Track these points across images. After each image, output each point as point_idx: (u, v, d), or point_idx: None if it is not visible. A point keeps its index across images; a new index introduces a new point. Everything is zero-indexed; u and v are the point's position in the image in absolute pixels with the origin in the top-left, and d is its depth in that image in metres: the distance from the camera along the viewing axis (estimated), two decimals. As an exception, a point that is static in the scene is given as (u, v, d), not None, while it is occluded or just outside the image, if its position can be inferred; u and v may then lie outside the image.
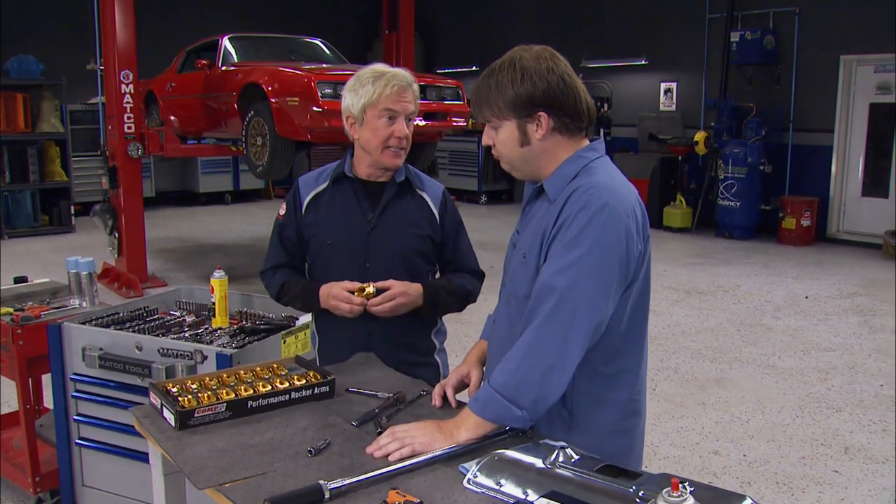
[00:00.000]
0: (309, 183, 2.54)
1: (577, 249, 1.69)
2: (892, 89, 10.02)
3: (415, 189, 2.52)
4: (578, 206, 1.71)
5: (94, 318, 3.02)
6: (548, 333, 1.68)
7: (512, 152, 1.84)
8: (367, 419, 1.90)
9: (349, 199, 2.47)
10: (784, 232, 10.43)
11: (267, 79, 6.87)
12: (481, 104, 1.84)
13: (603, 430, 1.84)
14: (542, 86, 1.75)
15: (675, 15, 11.88)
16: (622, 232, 1.71)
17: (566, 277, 1.68)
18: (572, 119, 1.80)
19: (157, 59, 9.87)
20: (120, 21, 7.33)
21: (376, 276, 2.42)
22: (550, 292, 1.69)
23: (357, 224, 2.46)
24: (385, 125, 2.34)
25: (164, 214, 12.40)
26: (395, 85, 2.32)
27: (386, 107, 2.32)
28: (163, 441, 1.80)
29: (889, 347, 6.02)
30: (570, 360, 1.69)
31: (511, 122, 1.80)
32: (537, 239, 1.80)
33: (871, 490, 3.82)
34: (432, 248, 2.53)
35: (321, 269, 2.51)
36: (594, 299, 1.68)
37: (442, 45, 15.85)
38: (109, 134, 7.68)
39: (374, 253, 2.45)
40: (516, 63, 1.77)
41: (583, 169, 1.80)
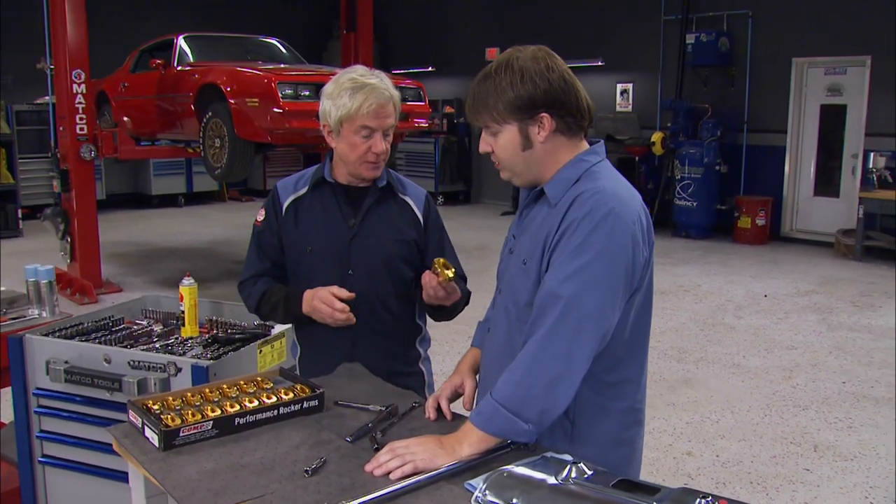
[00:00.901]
0: (287, 188, 2.45)
1: (582, 257, 1.63)
2: (842, 91, 10.24)
3: (397, 193, 2.44)
4: (583, 211, 1.66)
5: (57, 330, 2.87)
6: (553, 344, 1.62)
7: (513, 157, 1.78)
8: (361, 434, 1.82)
9: (330, 204, 2.38)
10: (740, 231, 10.59)
11: (225, 79, 6.72)
12: (479, 109, 1.76)
13: (605, 440, 1.79)
14: (543, 86, 1.69)
15: (631, 16, 11.99)
16: (628, 239, 1.66)
17: (572, 286, 1.62)
18: (574, 118, 1.74)
19: (108, 58, 9.61)
20: (71, 19, 7.10)
21: (358, 283, 2.34)
22: (555, 301, 1.63)
23: (338, 231, 2.37)
24: (362, 141, 2.24)
25: (116, 217, 12.07)
26: (374, 102, 2.19)
27: (363, 124, 2.22)
28: (147, 463, 1.69)
29: (848, 344, 6.14)
30: (577, 371, 1.63)
31: (512, 126, 1.74)
32: (538, 244, 1.74)
33: (843, 487, 3.87)
34: (416, 254, 2.45)
35: (302, 276, 2.42)
36: (601, 308, 1.63)
37: (397, 45, 15.76)
38: (61, 135, 7.43)
39: (356, 260, 2.37)
40: (514, 64, 1.71)
41: (585, 173, 1.75)
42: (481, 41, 14.12)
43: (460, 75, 14.57)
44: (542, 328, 1.64)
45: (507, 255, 1.91)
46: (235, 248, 10.09)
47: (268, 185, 15.05)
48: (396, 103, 2.27)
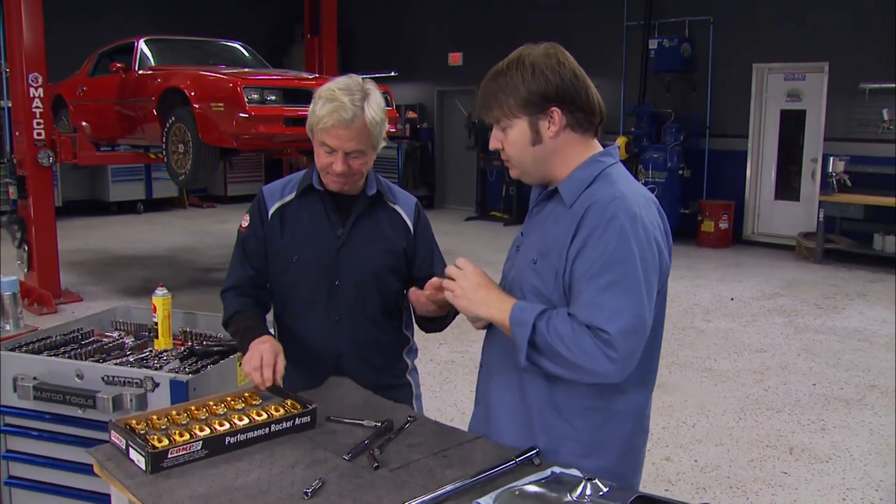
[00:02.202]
0: (274, 194, 2.36)
1: (615, 269, 1.62)
2: (802, 97, 10.42)
3: (386, 202, 2.37)
4: (605, 217, 1.63)
5: (24, 344, 2.75)
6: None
7: (523, 153, 1.75)
8: (358, 452, 1.75)
9: (318, 212, 2.30)
10: (703, 235, 10.70)
11: (189, 83, 6.58)
12: (489, 105, 1.75)
13: (613, 446, 1.77)
14: (554, 80, 1.68)
15: (594, 22, 12.06)
16: (654, 244, 1.67)
17: (612, 297, 1.61)
18: (585, 114, 1.73)
19: (64, 61, 9.36)
20: (27, 21, 6.88)
21: (345, 295, 2.28)
22: (600, 310, 1.61)
23: (326, 240, 2.29)
24: (323, 154, 2.17)
25: (74, 225, 11.76)
26: (331, 121, 2.09)
27: (321, 140, 2.15)
28: (134, 488, 1.60)
29: (815, 346, 6.21)
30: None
31: (522, 121, 1.72)
32: (552, 245, 1.71)
33: (820, 489, 3.89)
34: (404, 264, 2.38)
35: (287, 286, 2.34)
36: (640, 316, 1.63)
37: (360, 50, 15.65)
38: (17, 140, 7.20)
39: (343, 270, 2.29)
40: (525, 60, 1.70)
41: (600, 175, 1.72)
42: (444, 46, 14.10)
43: (424, 80, 14.54)
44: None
45: (513, 252, 1.88)
46: (198, 255, 9.90)
47: (229, 192, 14.84)
48: (369, 128, 2.13)
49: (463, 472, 1.64)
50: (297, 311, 2.35)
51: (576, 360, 1.62)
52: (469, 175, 13.89)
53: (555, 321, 1.64)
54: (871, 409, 4.94)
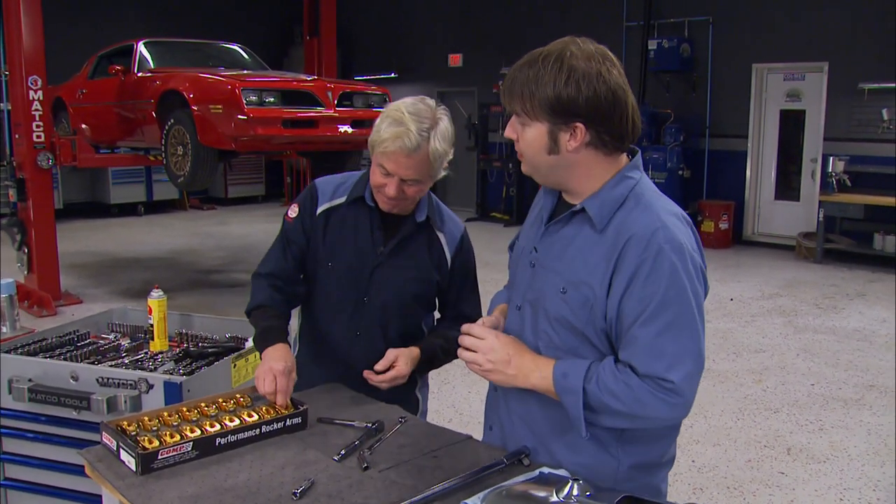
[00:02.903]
0: (326, 192, 2.29)
1: (670, 308, 1.53)
2: (801, 97, 10.42)
3: (433, 228, 2.29)
4: (652, 252, 1.54)
5: (20, 346, 2.76)
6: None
7: (536, 157, 1.63)
8: (348, 453, 1.76)
9: (363, 225, 2.24)
10: (703, 235, 10.67)
11: (188, 86, 6.58)
12: (513, 94, 1.60)
13: (650, 438, 1.72)
14: (587, 93, 1.53)
15: (593, 22, 12.04)
16: (700, 273, 1.60)
17: (671, 341, 1.54)
18: (612, 138, 1.59)
19: (65, 64, 9.38)
20: (26, 24, 6.89)
21: (370, 313, 2.24)
22: (660, 357, 1.53)
23: (365, 255, 2.24)
24: (379, 175, 2.12)
25: (74, 227, 11.77)
26: (392, 147, 2.03)
27: (379, 162, 2.10)
28: (124, 489, 1.61)
29: (814, 346, 6.21)
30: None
31: (542, 125, 1.59)
32: (583, 276, 1.61)
33: (817, 490, 3.89)
34: (434, 294, 2.34)
35: (317, 289, 2.30)
36: (700, 352, 1.57)
37: (360, 51, 15.68)
38: (16, 143, 7.22)
39: (374, 290, 2.24)
40: (564, 60, 1.54)
41: (631, 194, 1.62)
42: (444, 47, 14.11)
43: (424, 81, 14.53)
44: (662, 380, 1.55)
45: (527, 268, 1.75)
46: (199, 257, 9.91)
47: (230, 194, 14.86)
48: (431, 160, 2.07)
49: (452, 472, 1.64)
50: (320, 316, 2.33)
51: (636, 413, 1.56)
52: (469, 176, 13.90)
53: (604, 378, 1.57)
54: (869, 408, 4.93)
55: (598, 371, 1.58)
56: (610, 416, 1.58)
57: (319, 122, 6.66)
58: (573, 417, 1.59)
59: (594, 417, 1.59)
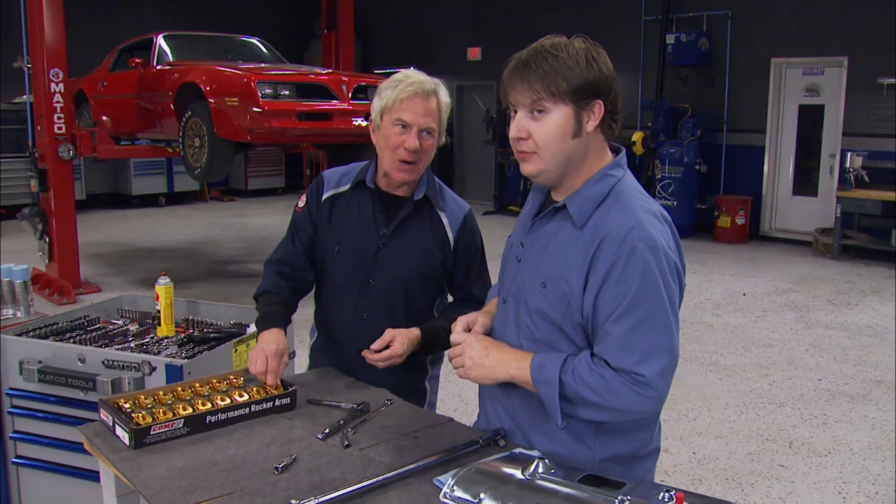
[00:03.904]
0: (331, 181, 2.41)
1: (642, 306, 1.58)
2: (820, 91, 10.35)
3: (434, 208, 2.36)
4: (626, 250, 1.58)
5: (31, 329, 2.86)
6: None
7: (560, 144, 1.63)
8: (332, 432, 1.83)
9: (366, 209, 2.34)
10: (719, 230, 10.67)
11: (205, 78, 6.69)
12: (531, 82, 1.61)
13: (627, 430, 1.76)
14: (605, 71, 1.61)
15: (611, 17, 12.05)
16: (675, 271, 1.64)
17: (643, 336, 1.59)
18: (614, 115, 1.67)
19: (86, 57, 9.54)
20: (48, 17, 7.03)
21: (376, 294, 2.32)
22: (632, 351, 1.59)
23: (368, 238, 2.33)
24: (397, 133, 2.19)
25: (96, 218, 11.98)
26: (411, 92, 2.16)
27: (398, 116, 2.18)
28: (117, 462, 1.70)
29: (824, 342, 6.20)
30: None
31: (568, 108, 1.61)
32: (561, 271, 1.67)
33: (816, 483, 3.91)
34: (441, 274, 2.40)
35: (325, 274, 2.40)
36: (672, 348, 1.63)
37: (379, 44, 15.75)
38: (38, 134, 7.37)
39: (379, 270, 2.33)
40: (570, 49, 1.61)
41: (611, 192, 1.67)
42: (462, 41, 14.14)
43: (442, 74, 14.33)
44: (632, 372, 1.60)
45: (514, 262, 1.82)
46: (217, 247, 10.05)
47: (250, 186, 15.02)
48: (442, 107, 2.21)
49: (430, 452, 1.71)
50: (329, 299, 2.43)
51: (610, 405, 1.61)
52: (487, 169, 13.95)
53: (580, 371, 1.62)
54: (875, 404, 4.94)
55: (575, 363, 1.63)
56: (585, 407, 1.63)
57: (334, 115, 6.74)
58: (549, 408, 1.64)
59: (570, 408, 1.65)
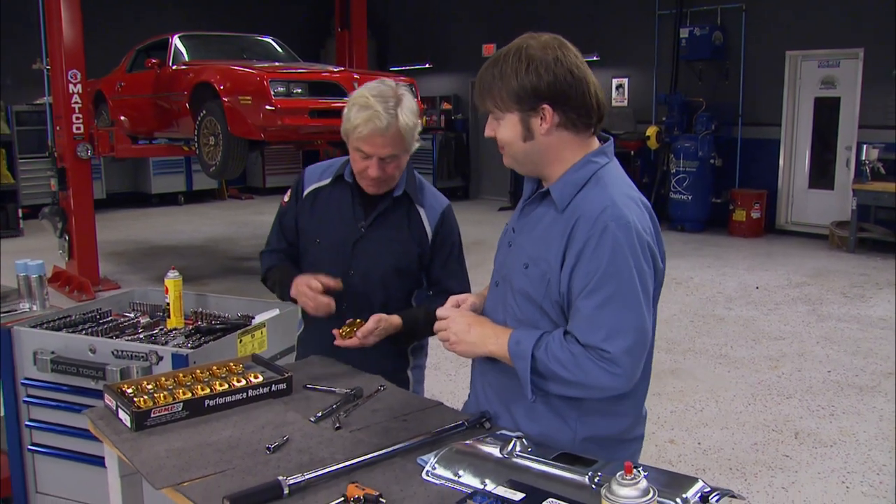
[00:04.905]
0: (313, 175, 2.50)
1: (611, 283, 1.63)
2: (836, 84, 10.28)
3: (413, 203, 2.44)
4: (598, 229, 1.64)
5: (45, 322, 2.96)
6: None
7: (514, 146, 1.75)
8: (325, 415, 1.90)
9: (345, 202, 2.43)
10: (735, 224, 10.64)
11: (219, 77, 6.80)
12: (484, 94, 1.74)
13: (608, 440, 1.82)
14: (547, 77, 1.65)
15: (626, 11, 12.05)
16: (648, 252, 1.68)
17: (610, 313, 1.63)
18: (580, 115, 1.70)
19: (106, 58, 9.70)
20: (66, 19, 7.18)
21: (356, 286, 2.39)
22: (598, 328, 1.63)
23: (347, 230, 2.42)
24: (359, 159, 2.28)
25: (116, 216, 12.17)
26: (365, 130, 2.19)
27: (356, 146, 2.25)
28: (119, 443, 1.78)
29: (835, 335, 6.20)
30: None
31: (514, 115, 1.71)
32: (541, 252, 1.73)
33: (820, 472, 3.94)
34: (418, 268, 2.47)
35: (308, 265, 2.49)
36: (641, 327, 1.66)
37: (394, 42, 15.83)
38: (57, 135, 7.53)
39: (357, 262, 2.41)
40: (522, 52, 1.68)
41: (592, 177, 1.72)
42: (478, 37, 14.17)
43: (458, 71, 14.64)
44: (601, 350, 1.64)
45: (505, 247, 1.89)
46: (235, 245, 10.18)
47: (267, 183, 15.16)
48: (403, 133, 2.23)
49: (418, 434, 1.77)
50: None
51: (579, 381, 1.65)
52: (503, 165, 13.90)
53: (552, 347, 1.67)
54: (884, 395, 4.94)
55: (548, 340, 1.69)
56: (556, 382, 1.68)
57: (346, 113, 6.81)
58: (522, 381, 1.70)
59: (543, 383, 1.70)
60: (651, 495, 1.19)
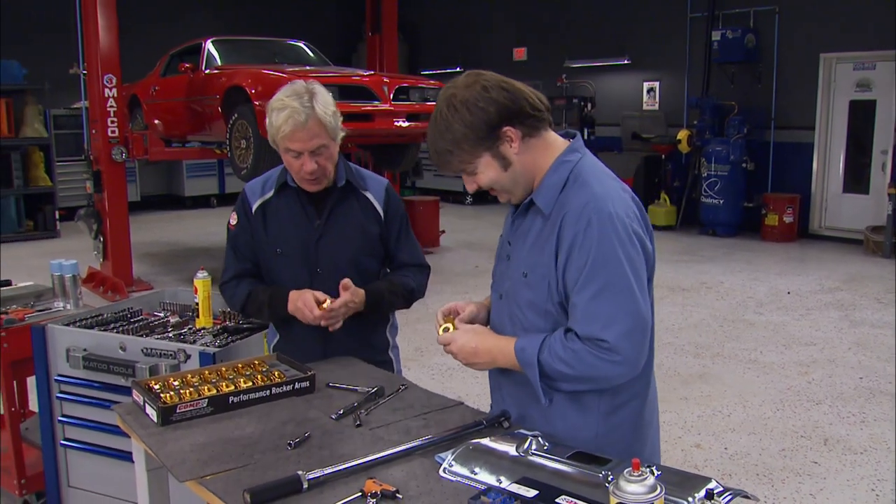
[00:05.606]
0: (255, 191, 2.56)
1: (603, 272, 1.67)
2: (872, 86, 10.13)
3: (357, 189, 2.53)
4: (583, 224, 1.69)
5: (77, 320, 3.03)
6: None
7: (500, 181, 1.80)
8: (346, 413, 1.93)
9: (295, 208, 2.49)
10: (767, 229, 10.53)
11: (250, 81, 6.89)
12: (447, 160, 1.79)
13: (622, 431, 1.84)
14: (491, 107, 1.71)
15: (657, 14, 11.98)
16: (635, 238, 1.71)
17: (604, 303, 1.67)
18: (533, 118, 1.76)
19: (141, 63, 9.87)
20: (103, 25, 7.33)
21: (326, 280, 2.44)
22: (595, 318, 1.67)
23: (305, 232, 2.48)
24: (292, 160, 2.35)
25: (150, 219, 12.37)
26: (288, 128, 2.26)
27: (285, 146, 2.32)
28: (145, 437, 1.83)
29: (869, 341, 6.11)
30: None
31: (485, 156, 1.76)
32: (540, 258, 1.77)
33: (850, 480, 3.89)
34: (380, 246, 2.57)
35: (274, 275, 2.54)
36: (637, 312, 1.69)
37: (426, 46, 15.91)
38: (93, 138, 7.68)
39: (323, 259, 2.48)
40: (452, 103, 1.73)
41: (570, 175, 1.77)
42: (509, 41, 14.20)
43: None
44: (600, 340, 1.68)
45: (505, 260, 1.92)
46: (264, 247, 10.27)
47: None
48: (324, 122, 2.29)
49: (437, 432, 1.80)
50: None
51: (586, 376, 1.70)
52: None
53: (555, 348, 1.71)
54: (917, 403, 4.87)
55: (550, 342, 1.73)
56: (565, 381, 1.73)
57: (375, 116, 6.88)
58: (534, 387, 1.75)
59: (554, 384, 1.74)
60: (658, 492, 1.20)
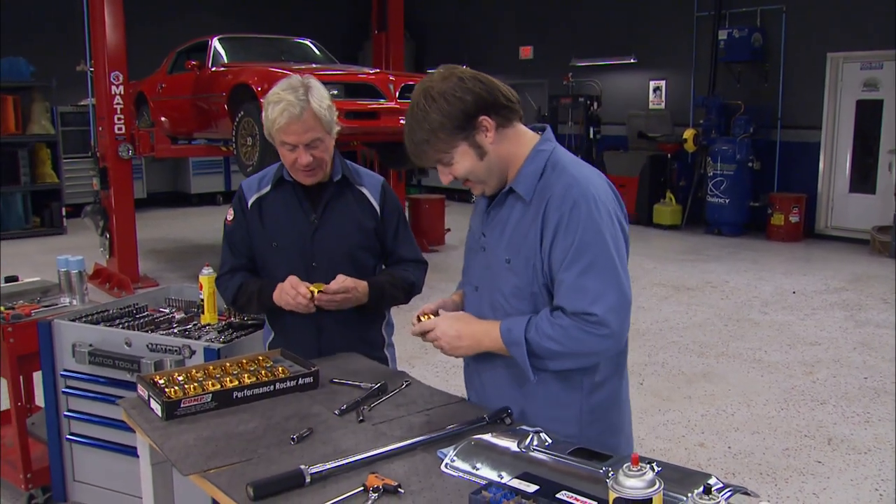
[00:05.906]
0: (252, 187, 2.57)
1: (589, 251, 1.73)
2: (879, 86, 10.10)
3: (353, 185, 2.55)
4: (568, 206, 1.75)
5: (83, 315, 3.05)
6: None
7: (475, 170, 1.84)
8: (349, 409, 1.94)
9: (291, 202, 2.51)
10: (773, 228, 10.50)
11: (256, 79, 6.90)
12: (423, 151, 1.83)
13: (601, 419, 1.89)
14: (467, 96, 1.76)
15: (664, 13, 11.96)
16: (616, 221, 1.79)
17: (592, 279, 1.73)
18: (507, 108, 1.82)
19: (148, 60, 9.89)
20: (109, 22, 7.35)
21: (323, 274, 2.46)
22: (583, 294, 1.73)
23: (301, 226, 2.50)
24: (287, 153, 2.36)
25: (156, 216, 12.41)
26: (283, 121, 2.28)
27: (280, 139, 2.33)
28: (150, 431, 1.84)
29: (874, 341, 6.10)
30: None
31: (462, 145, 1.81)
32: (521, 242, 1.82)
33: (853, 479, 3.88)
34: (376, 242, 2.58)
35: (270, 269, 2.55)
36: (622, 288, 1.75)
37: (432, 44, 15.90)
38: (100, 135, 7.71)
39: (319, 253, 2.50)
40: (430, 94, 1.78)
41: (547, 163, 1.83)
42: (516, 39, 14.19)
43: (495, 74, 14.25)
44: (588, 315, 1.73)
45: (479, 251, 1.95)
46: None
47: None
48: (319, 115, 2.31)
49: (440, 427, 1.81)
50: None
51: (574, 351, 1.76)
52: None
53: (542, 326, 1.76)
54: (922, 403, 4.86)
55: (537, 321, 1.78)
56: (553, 358, 1.78)
57: (381, 114, 6.88)
58: (521, 366, 1.79)
59: (541, 363, 1.79)
60: (657, 487, 1.21)
